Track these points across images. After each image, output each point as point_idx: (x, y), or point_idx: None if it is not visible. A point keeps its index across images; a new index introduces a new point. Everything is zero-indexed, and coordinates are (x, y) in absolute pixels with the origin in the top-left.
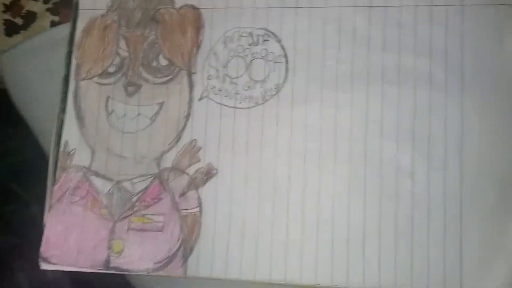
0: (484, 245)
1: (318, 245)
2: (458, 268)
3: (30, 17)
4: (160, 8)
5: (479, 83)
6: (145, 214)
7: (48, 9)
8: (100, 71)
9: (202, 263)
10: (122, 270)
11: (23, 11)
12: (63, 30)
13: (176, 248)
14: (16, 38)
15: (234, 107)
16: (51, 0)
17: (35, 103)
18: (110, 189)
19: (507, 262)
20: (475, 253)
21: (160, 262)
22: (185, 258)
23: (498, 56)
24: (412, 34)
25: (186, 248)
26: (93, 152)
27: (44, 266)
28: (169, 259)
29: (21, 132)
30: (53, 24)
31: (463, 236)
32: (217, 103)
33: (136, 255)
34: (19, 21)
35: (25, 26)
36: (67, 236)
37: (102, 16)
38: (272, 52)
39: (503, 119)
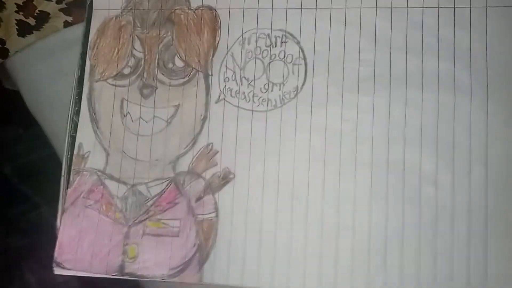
0: (510, 254)
1: (337, 253)
2: (483, 278)
3: (43, 17)
4: (176, 9)
5: (504, 88)
6: (161, 219)
7: (61, 9)
8: (114, 73)
9: (218, 270)
10: (137, 276)
11: (36, 11)
12: (76, 30)
13: (191, 254)
14: (29, 38)
15: (252, 110)
16: (64, 0)
17: (47, 104)
18: (125, 193)
19: None
20: (500, 262)
21: (175, 268)
22: (201, 265)
23: None
24: (435, 36)
25: (202, 254)
26: (107, 155)
27: (57, 271)
28: (185, 265)
29: (31, 134)
30: (66, 24)
31: (488, 245)
32: (234, 106)
33: (151, 261)
34: (31, 21)
35: (38, 27)
36: (81, 241)
37: (117, 16)
38: (290, 54)
39: None
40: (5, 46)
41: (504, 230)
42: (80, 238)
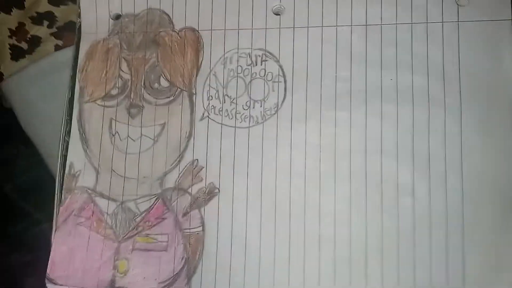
0: (487, 262)
1: (320, 263)
2: (461, 285)
3: (35, 41)
4: (160, 31)
5: (477, 100)
6: (149, 234)
7: (52, 34)
8: (103, 94)
9: (205, 283)
10: None
11: (28, 35)
12: (67, 53)
13: (180, 267)
14: (22, 62)
15: (235, 127)
16: (55, 25)
17: (41, 125)
18: (114, 210)
19: (510, 278)
20: (477, 270)
21: (164, 282)
22: (189, 278)
23: (495, 71)
24: (408, 52)
25: (189, 267)
26: (97, 174)
27: (50, 287)
28: (173, 279)
29: (30, 151)
30: (57, 48)
31: (465, 253)
32: (218, 123)
33: (141, 275)
34: (24, 45)
35: (30, 51)
36: (72, 257)
37: (104, 39)
38: (270, 72)
39: (502, 135)
40: (0, 70)
41: (480, 237)
42: (72, 254)
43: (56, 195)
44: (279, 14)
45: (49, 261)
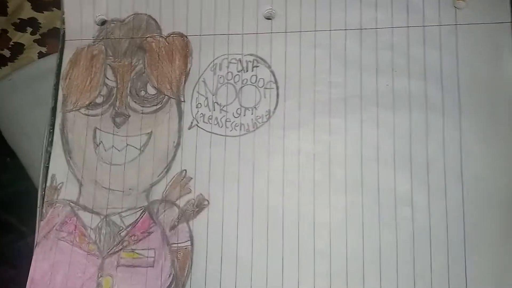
0: (489, 271)
1: (315, 278)
2: None
3: (18, 48)
4: (147, 37)
5: (477, 104)
6: (135, 249)
7: (35, 40)
8: (87, 102)
9: None
10: None
11: (11, 42)
12: (51, 61)
13: (167, 284)
14: (4, 70)
15: (225, 136)
16: (39, 31)
17: (23, 135)
18: (98, 224)
19: None
20: (480, 280)
21: None
22: None
23: (494, 75)
24: (405, 56)
25: (178, 284)
26: (80, 186)
27: None
28: None
29: (17, 163)
30: (41, 55)
31: (467, 264)
32: (207, 131)
33: None
34: (6, 53)
35: (12, 58)
36: (53, 274)
37: (89, 46)
38: (262, 78)
39: (502, 140)
40: None
41: (482, 247)
42: (52, 271)
43: (38, 209)
44: (271, 19)
45: (28, 279)
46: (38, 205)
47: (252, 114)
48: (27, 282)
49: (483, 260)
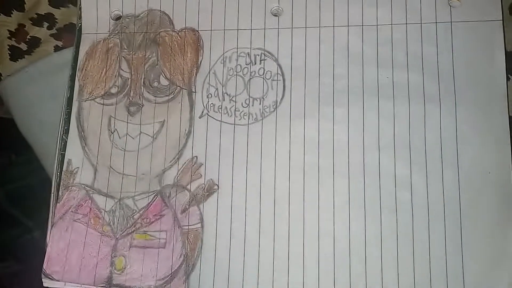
0: (485, 253)
1: (319, 258)
2: (460, 278)
3: (35, 42)
4: (160, 31)
5: (471, 95)
6: (147, 231)
7: (51, 35)
8: (102, 92)
9: (204, 280)
10: (125, 287)
11: (28, 36)
12: (66, 54)
13: (178, 264)
14: (21, 62)
15: (234, 124)
16: (55, 26)
17: (38, 126)
18: (112, 207)
19: (509, 269)
20: (476, 262)
21: (162, 279)
22: (187, 275)
23: (488, 69)
24: (404, 51)
25: (188, 264)
26: (95, 171)
27: (46, 282)
28: (172, 276)
29: (23, 159)
30: (57, 48)
31: (464, 246)
32: (217, 120)
33: (139, 272)
34: (23, 46)
35: (29, 51)
36: (69, 253)
37: (104, 39)
38: (269, 71)
39: (494, 128)
40: None
41: (477, 229)
42: (68, 250)
43: (52, 193)
44: (278, 15)
45: (46, 256)
46: (52, 190)
47: (260, 104)
48: (44, 259)
49: (477, 240)
